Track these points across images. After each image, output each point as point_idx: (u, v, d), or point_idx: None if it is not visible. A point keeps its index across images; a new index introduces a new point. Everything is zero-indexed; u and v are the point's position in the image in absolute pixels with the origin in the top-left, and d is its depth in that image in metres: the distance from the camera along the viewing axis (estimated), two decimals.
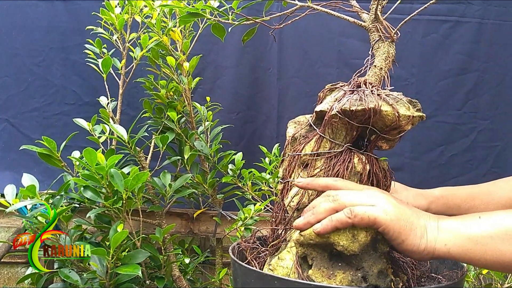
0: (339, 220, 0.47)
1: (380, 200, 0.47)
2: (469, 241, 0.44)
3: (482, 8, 1.38)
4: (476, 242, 0.44)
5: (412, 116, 0.52)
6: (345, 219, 0.46)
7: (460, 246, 0.45)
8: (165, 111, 1.14)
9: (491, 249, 0.44)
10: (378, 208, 0.46)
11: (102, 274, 0.84)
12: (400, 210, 0.47)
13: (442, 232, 0.45)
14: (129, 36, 1.12)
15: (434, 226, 0.46)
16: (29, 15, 1.35)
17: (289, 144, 0.59)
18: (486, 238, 0.44)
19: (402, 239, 0.46)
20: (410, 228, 0.46)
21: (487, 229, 0.44)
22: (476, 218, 0.45)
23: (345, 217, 0.46)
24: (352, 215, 0.46)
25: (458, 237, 0.45)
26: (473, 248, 0.44)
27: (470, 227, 0.45)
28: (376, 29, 0.60)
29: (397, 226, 0.45)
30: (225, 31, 0.67)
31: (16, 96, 1.36)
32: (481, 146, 1.42)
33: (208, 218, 1.26)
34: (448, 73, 1.41)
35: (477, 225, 0.45)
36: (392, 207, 0.46)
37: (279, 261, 0.54)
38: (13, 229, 1.27)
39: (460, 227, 0.45)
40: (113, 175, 0.81)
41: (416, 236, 0.46)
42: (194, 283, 1.19)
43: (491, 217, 0.45)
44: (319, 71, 1.41)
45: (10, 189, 0.84)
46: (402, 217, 0.46)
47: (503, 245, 0.43)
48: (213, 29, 0.66)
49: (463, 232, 0.45)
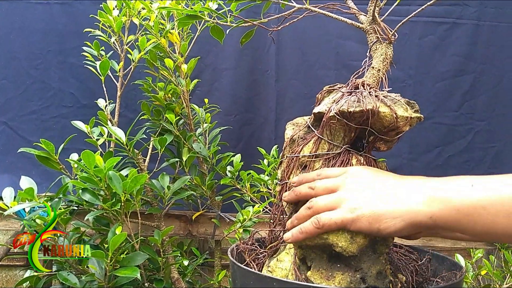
0: (307, 231, 0.47)
1: (349, 193, 0.46)
2: (458, 213, 0.41)
3: (479, 10, 1.39)
4: (466, 213, 0.41)
5: (410, 117, 0.52)
6: (313, 229, 0.47)
7: (448, 218, 0.42)
8: (163, 113, 1.14)
9: (483, 220, 0.40)
10: (343, 210, 0.45)
11: (101, 277, 0.84)
12: (367, 200, 0.45)
13: (426, 204, 0.42)
14: (127, 39, 1.12)
15: (416, 200, 0.43)
16: (27, 18, 1.35)
17: (287, 146, 0.59)
18: (479, 209, 0.40)
19: (376, 228, 0.44)
20: (378, 216, 0.44)
21: (480, 199, 0.40)
22: (468, 186, 0.41)
23: (312, 227, 0.47)
24: (319, 224, 0.46)
25: (446, 209, 0.41)
26: (463, 220, 0.41)
27: (461, 197, 0.41)
28: (374, 31, 0.60)
29: (363, 219, 0.44)
30: (224, 33, 0.67)
31: (14, 99, 1.36)
32: (478, 147, 1.43)
33: (206, 220, 1.26)
34: (445, 74, 1.42)
35: (469, 195, 0.41)
36: (360, 200, 0.45)
37: (278, 263, 0.54)
38: (11, 232, 1.27)
39: (450, 196, 0.42)
40: (111, 177, 0.81)
41: (387, 220, 0.43)
42: (193, 285, 1.19)
43: (485, 185, 0.41)
44: (317, 73, 1.42)
45: (8, 192, 0.84)
46: (368, 207, 0.44)
47: (496, 216, 0.40)
48: (212, 31, 0.67)
49: (453, 203, 0.41)
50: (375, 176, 0.48)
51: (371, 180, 0.47)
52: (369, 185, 0.46)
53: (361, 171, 0.49)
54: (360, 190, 0.46)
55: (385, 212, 0.44)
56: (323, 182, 0.49)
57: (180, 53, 1.10)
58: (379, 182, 0.47)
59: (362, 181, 0.47)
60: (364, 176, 0.48)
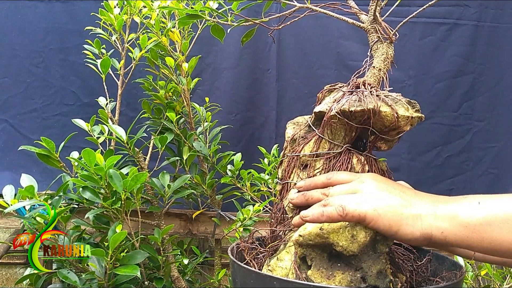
0: (329, 215, 0.48)
1: (370, 195, 0.47)
2: (466, 229, 0.44)
3: (479, 11, 1.39)
4: (473, 230, 0.43)
5: (411, 117, 0.53)
6: (336, 215, 0.47)
7: (457, 234, 0.44)
8: (164, 112, 1.14)
9: (489, 237, 0.43)
10: (367, 205, 0.47)
11: (101, 275, 0.84)
12: (389, 202, 0.47)
13: (438, 220, 0.45)
14: (128, 37, 1.12)
15: (430, 213, 0.46)
16: (28, 16, 1.35)
17: (288, 145, 0.59)
18: (485, 226, 0.43)
19: (395, 231, 0.46)
20: (399, 219, 0.46)
21: (485, 216, 0.43)
22: (475, 204, 0.44)
23: (336, 214, 0.47)
24: (343, 213, 0.47)
25: (455, 225, 0.44)
26: (471, 236, 0.44)
27: (468, 214, 0.44)
28: (375, 30, 0.60)
29: (385, 220, 0.46)
30: (224, 32, 0.67)
31: (16, 97, 1.36)
32: (477, 147, 1.44)
33: (207, 218, 1.26)
34: (444, 75, 1.42)
35: (475, 212, 0.44)
36: (382, 200, 0.47)
37: (278, 262, 0.54)
38: (11, 230, 1.27)
39: (458, 214, 0.45)
40: (112, 175, 0.81)
41: (408, 226, 0.46)
42: (193, 283, 1.19)
43: (491, 202, 0.44)
44: (318, 73, 1.42)
45: (9, 190, 0.84)
46: (391, 209, 0.46)
47: (501, 232, 0.42)
48: (212, 30, 0.67)
49: (460, 220, 0.44)
50: (391, 184, 0.50)
51: (388, 187, 0.49)
52: (388, 190, 0.48)
53: (376, 178, 0.50)
54: (380, 194, 0.48)
55: (407, 217, 0.46)
56: (339, 188, 0.50)
57: (181, 52, 1.10)
58: (396, 189, 0.48)
59: (380, 186, 0.48)
60: (381, 182, 0.49)
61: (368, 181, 0.49)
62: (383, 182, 0.50)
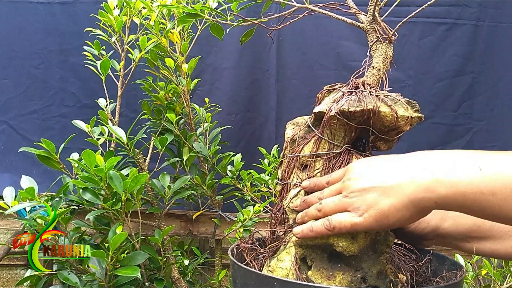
0: (317, 230, 0.48)
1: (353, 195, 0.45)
2: (464, 197, 0.40)
3: (478, 11, 1.40)
4: (474, 199, 0.40)
5: (411, 117, 0.53)
6: (324, 230, 0.47)
7: (454, 202, 0.41)
8: (164, 113, 1.14)
9: (491, 205, 0.40)
10: (352, 213, 0.45)
11: (101, 276, 0.84)
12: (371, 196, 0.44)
13: (432, 187, 0.41)
14: (128, 38, 1.12)
15: (421, 181, 0.42)
16: (28, 18, 1.35)
17: (287, 146, 0.59)
18: (487, 195, 0.39)
19: (386, 224, 0.44)
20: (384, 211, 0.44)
21: (488, 184, 0.39)
22: (475, 168, 0.40)
23: (323, 229, 0.47)
24: (330, 227, 0.46)
25: (452, 193, 0.41)
26: (470, 205, 0.41)
27: (468, 180, 0.40)
28: (374, 30, 0.60)
29: (372, 220, 0.44)
30: (223, 31, 0.67)
31: (15, 98, 1.36)
32: (476, 147, 1.43)
33: (207, 219, 1.26)
34: (444, 75, 1.42)
35: (476, 178, 0.40)
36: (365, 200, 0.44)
37: (278, 262, 0.54)
38: (12, 232, 1.27)
39: (456, 179, 0.41)
40: (112, 177, 0.81)
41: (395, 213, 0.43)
42: (193, 284, 1.19)
43: (494, 167, 0.40)
44: (318, 73, 1.42)
45: (9, 191, 0.84)
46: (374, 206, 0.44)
47: (505, 201, 0.39)
48: (211, 29, 0.67)
49: (459, 187, 0.40)
50: (372, 166, 0.46)
51: (369, 173, 0.46)
52: (369, 179, 0.45)
53: (356, 167, 0.48)
54: (361, 189, 0.45)
55: (389, 207, 0.43)
56: (328, 191, 0.50)
57: (180, 53, 1.10)
58: (378, 171, 0.45)
59: (362, 178, 0.46)
60: (362, 171, 0.47)
61: (350, 174, 0.47)
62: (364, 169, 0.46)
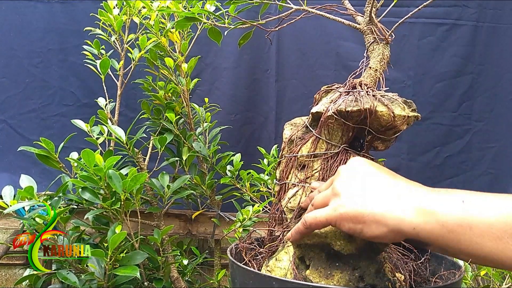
0: (299, 231, 0.48)
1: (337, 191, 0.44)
2: (442, 227, 0.38)
3: (478, 11, 1.40)
4: (451, 230, 0.38)
5: (408, 116, 0.53)
6: (303, 229, 0.47)
7: (431, 231, 0.39)
8: (163, 112, 1.14)
9: (468, 240, 0.38)
10: (329, 208, 0.44)
11: (100, 276, 0.84)
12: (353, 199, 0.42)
13: (413, 213, 0.39)
14: (128, 37, 1.12)
15: (405, 205, 0.40)
16: (27, 17, 1.35)
17: (285, 146, 0.59)
18: (464, 228, 0.38)
19: (358, 231, 0.42)
20: (361, 217, 0.41)
21: (467, 217, 0.38)
22: (458, 201, 0.39)
23: (302, 228, 0.47)
24: (307, 224, 0.46)
25: (430, 222, 0.39)
26: (447, 236, 0.38)
27: (447, 211, 0.39)
28: (371, 31, 0.61)
29: (348, 218, 0.42)
30: (221, 35, 0.67)
31: (14, 97, 1.36)
32: (476, 147, 1.44)
33: (206, 219, 1.26)
34: (444, 75, 1.42)
35: (456, 211, 0.38)
36: (344, 199, 0.43)
37: (277, 262, 0.54)
38: (10, 231, 1.27)
39: (435, 209, 0.39)
40: (111, 176, 0.81)
41: (371, 224, 0.41)
42: (192, 284, 1.19)
43: (477, 203, 0.38)
44: (317, 73, 1.42)
45: (8, 190, 0.84)
46: (352, 208, 0.42)
47: (482, 238, 0.37)
48: (209, 33, 0.67)
49: (438, 217, 0.39)
50: (368, 170, 0.45)
51: (362, 174, 0.44)
52: (359, 179, 0.44)
53: (354, 163, 0.46)
54: (347, 185, 0.44)
55: (369, 213, 0.41)
56: (324, 183, 0.50)
57: (180, 52, 1.10)
58: (370, 177, 0.44)
59: (352, 175, 0.44)
60: (356, 169, 0.45)
61: (344, 169, 0.46)
62: (359, 168, 0.45)
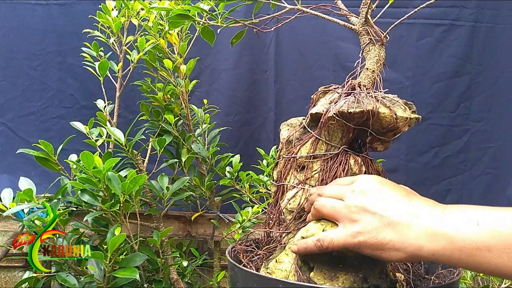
0: (310, 249, 0.48)
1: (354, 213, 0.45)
2: (461, 253, 0.40)
3: (476, 12, 1.40)
4: (469, 254, 0.40)
5: (409, 118, 0.53)
6: (316, 249, 0.47)
7: (451, 256, 0.41)
8: (162, 114, 1.14)
9: (487, 262, 0.39)
10: (346, 231, 0.45)
11: (100, 278, 0.84)
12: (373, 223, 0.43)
13: (429, 240, 0.41)
14: (126, 39, 1.12)
15: (420, 231, 0.42)
16: (26, 19, 1.35)
17: (283, 147, 0.59)
18: (483, 251, 0.39)
19: (379, 255, 0.44)
20: (381, 244, 0.43)
21: (484, 241, 0.39)
22: (473, 223, 0.40)
23: (316, 248, 0.47)
24: (323, 247, 0.46)
25: (448, 247, 0.41)
26: (466, 260, 0.40)
27: (465, 236, 0.40)
28: (367, 32, 0.61)
29: (367, 246, 0.44)
30: (214, 35, 0.67)
31: (14, 100, 1.36)
32: (474, 147, 1.44)
33: (206, 220, 1.26)
34: (442, 76, 1.43)
35: (473, 235, 0.40)
36: (364, 223, 0.44)
37: (277, 264, 0.54)
38: (10, 233, 1.26)
39: (453, 234, 0.40)
40: (110, 178, 0.81)
41: (391, 250, 0.43)
42: (192, 286, 1.19)
43: (492, 223, 0.40)
44: (316, 74, 1.42)
45: (7, 193, 0.84)
46: (372, 234, 0.43)
47: (501, 259, 0.39)
48: (202, 33, 0.66)
49: (455, 243, 0.40)
50: (383, 193, 0.45)
51: (378, 197, 0.45)
52: (374, 204, 0.44)
53: (369, 183, 0.46)
54: (364, 209, 0.44)
55: (388, 242, 0.43)
56: (330, 189, 0.49)
57: (179, 54, 1.10)
58: (385, 201, 0.45)
59: (368, 198, 0.45)
60: (372, 190, 0.46)
61: (358, 186, 0.46)
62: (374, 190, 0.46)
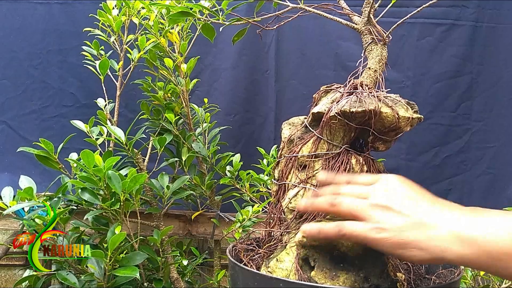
0: (327, 234, 0.46)
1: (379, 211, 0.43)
2: (488, 257, 0.40)
3: (477, 12, 1.40)
4: (498, 259, 0.40)
5: (412, 118, 0.53)
6: (334, 235, 0.45)
7: (478, 260, 0.40)
8: (162, 113, 1.14)
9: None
10: (369, 226, 0.43)
11: (100, 276, 0.84)
12: (394, 221, 0.43)
13: (456, 243, 0.41)
14: (127, 38, 1.12)
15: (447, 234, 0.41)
16: (27, 18, 1.35)
17: (285, 146, 0.59)
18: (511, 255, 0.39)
19: (400, 253, 0.43)
20: (404, 243, 0.42)
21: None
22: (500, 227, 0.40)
23: (334, 234, 0.45)
24: (341, 234, 0.44)
25: (476, 252, 0.40)
26: (494, 264, 0.40)
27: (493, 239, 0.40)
28: (369, 32, 0.61)
29: (388, 244, 0.42)
30: (215, 32, 0.67)
31: (14, 98, 1.36)
32: (475, 147, 1.44)
33: (206, 219, 1.26)
34: (442, 75, 1.42)
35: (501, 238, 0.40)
36: (386, 218, 0.43)
37: (278, 263, 0.54)
38: (10, 232, 1.27)
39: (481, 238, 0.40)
40: (110, 177, 0.81)
41: (414, 250, 0.42)
42: (192, 284, 1.19)
43: None
44: (317, 74, 1.42)
45: (8, 191, 0.84)
46: (395, 232, 0.42)
47: None
48: (203, 30, 0.66)
49: (483, 247, 0.40)
50: (408, 193, 0.45)
51: (403, 197, 0.44)
52: (400, 203, 0.44)
53: (394, 183, 0.46)
54: (389, 208, 0.44)
55: (412, 241, 0.42)
56: (350, 188, 0.47)
57: (179, 53, 1.10)
58: (411, 201, 0.44)
59: (393, 197, 0.44)
60: (397, 191, 0.45)
61: (383, 187, 0.45)
62: (399, 191, 0.45)
